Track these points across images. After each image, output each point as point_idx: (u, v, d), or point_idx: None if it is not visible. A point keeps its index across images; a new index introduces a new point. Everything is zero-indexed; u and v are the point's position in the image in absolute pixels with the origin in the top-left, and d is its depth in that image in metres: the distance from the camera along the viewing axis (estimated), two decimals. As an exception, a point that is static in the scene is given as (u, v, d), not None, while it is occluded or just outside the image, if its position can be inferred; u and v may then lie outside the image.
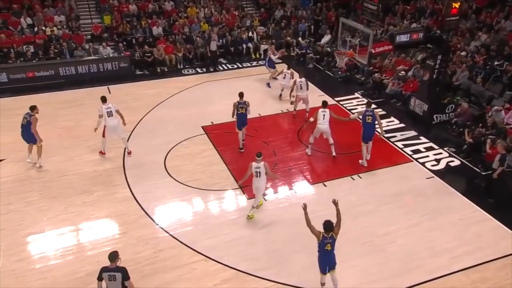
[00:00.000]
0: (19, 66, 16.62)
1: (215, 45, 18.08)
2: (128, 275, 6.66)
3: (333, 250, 7.48)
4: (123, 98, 15.62)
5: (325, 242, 7.38)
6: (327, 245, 7.39)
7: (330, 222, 7.40)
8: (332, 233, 7.39)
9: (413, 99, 14.13)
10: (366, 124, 11.33)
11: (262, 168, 9.39)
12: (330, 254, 7.50)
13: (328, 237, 7.37)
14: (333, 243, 7.42)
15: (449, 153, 12.33)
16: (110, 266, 6.66)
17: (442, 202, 10.35)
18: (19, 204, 10.11)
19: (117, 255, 6.70)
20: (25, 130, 11.27)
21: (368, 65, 13.07)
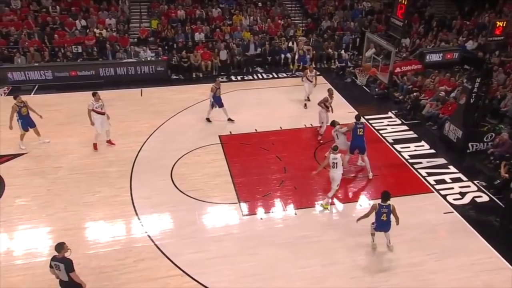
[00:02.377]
0: (64, 65, 17.57)
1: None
2: (71, 267, 6.82)
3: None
4: (152, 101, 15.94)
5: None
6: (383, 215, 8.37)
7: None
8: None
9: (448, 123, 12.97)
10: (356, 136, 11.09)
11: (339, 160, 9.89)
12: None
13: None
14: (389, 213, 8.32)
15: (478, 187, 11.13)
16: (57, 256, 6.85)
17: (455, 242, 9.31)
18: (26, 198, 10.53)
19: (62, 246, 6.85)
20: (24, 119, 12.23)
21: (389, 84, 12.16)
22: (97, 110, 12.12)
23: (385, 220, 8.35)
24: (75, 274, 6.91)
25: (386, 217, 8.31)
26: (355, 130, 11.08)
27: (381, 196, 8.37)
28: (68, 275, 6.82)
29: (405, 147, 12.98)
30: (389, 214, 8.29)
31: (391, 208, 8.29)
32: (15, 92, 16.50)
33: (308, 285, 8.17)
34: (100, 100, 12.18)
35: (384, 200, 8.33)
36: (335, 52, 19.57)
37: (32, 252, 8.94)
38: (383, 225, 8.49)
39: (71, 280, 6.89)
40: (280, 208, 10.34)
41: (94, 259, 8.74)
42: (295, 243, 9.23)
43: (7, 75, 17.03)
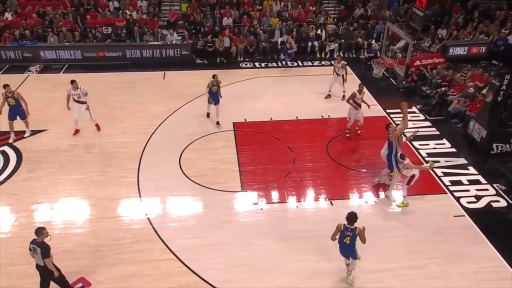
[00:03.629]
0: (92, 45, 17.99)
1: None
2: (47, 253, 6.92)
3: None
4: (173, 85, 16.07)
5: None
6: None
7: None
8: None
9: (473, 122, 12.26)
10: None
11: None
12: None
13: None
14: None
15: (497, 191, 10.49)
16: (36, 240, 6.96)
17: (460, 247, 8.84)
18: (40, 173, 10.93)
19: (41, 231, 6.97)
20: (11, 109, 12.09)
21: (405, 78, 11.56)
22: (74, 97, 12.18)
23: (348, 243, 7.39)
24: (49, 261, 7.00)
25: (350, 240, 7.35)
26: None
27: (347, 218, 7.32)
28: (44, 260, 6.94)
29: (424, 144, 12.41)
30: (354, 238, 7.33)
31: (356, 231, 7.29)
32: (47, 71, 17.22)
33: (296, 280, 8.02)
34: (79, 90, 12.16)
35: (350, 222, 7.31)
36: (364, 42, 18.88)
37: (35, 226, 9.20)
38: (346, 249, 7.54)
39: (45, 265, 7.00)
40: (282, 200, 10.19)
41: (92, 237, 8.97)
42: (292, 236, 9.08)
43: (40, 54, 17.63)
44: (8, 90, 11.99)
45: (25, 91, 15.22)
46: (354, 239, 7.34)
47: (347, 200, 10.27)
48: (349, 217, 7.29)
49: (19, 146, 12.03)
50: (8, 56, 17.56)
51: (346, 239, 7.36)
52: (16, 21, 18.97)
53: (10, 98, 12.00)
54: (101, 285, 7.89)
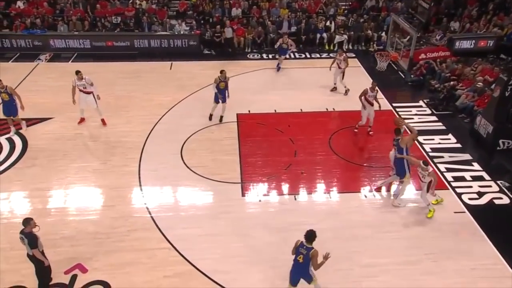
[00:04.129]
0: (101, 35, 18.09)
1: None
2: (34, 243, 7.01)
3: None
4: (179, 75, 16.10)
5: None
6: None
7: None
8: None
9: (479, 117, 12.04)
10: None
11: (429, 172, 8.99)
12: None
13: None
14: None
15: (500, 188, 10.31)
16: (24, 230, 7.06)
17: (459, 244, 8.74)
18: (43, 160, 11.10)
19: (29, 222, 7.03)
20: (4, 105, 11.85)
21: (409, 71, 11.34)
22: (79, 88, 12.16)
23: (301, 262, 6.78)
24: (37, 251, 7.08)
25: (303, 259, 6.75)
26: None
27: (305, 235, 6.76)
28: (31, 250, 7.05)
29: (428, 139, 12.24)
30: (307, 258, 6.71)
31: (310, 253, 6.67)
32: (56, 59, 17.40)
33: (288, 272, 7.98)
34: (84, 80, 12.11)
35: (308, 240, 6.74)
36: (374, 34, 18.61)
37: (35, 212, 9.43)
38: (298, 269, 6.93)
39: (33, 255, 7.11)
40: (281, 192, 10.18)
41: (91, 225, 9.10)
42: (289, 229, 9.04)
43: (50, 42, 17.81)
44: (0, 85, 11.57)
45: (34, 79, 15.58)
46: (307, 259, 6.73)
47: (347, 193, 10.22)
48: (307, 235, 6.72)
49: (25, 134, 12.19)
50: (19, 45, 17.79)
51: (299, 256, 6.79)
52: (27, 10, 19.18)
53: (3, 93, 11.64)
54: (97, 271, 8.01)
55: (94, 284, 7.77)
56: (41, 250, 7.30)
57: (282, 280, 7.87)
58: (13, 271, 7.88)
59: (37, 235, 7.14)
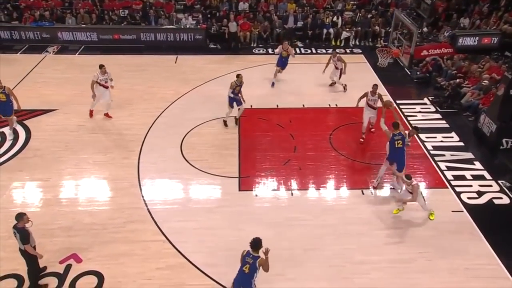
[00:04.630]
0: (108, 28, 18.19)
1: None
2: (26, 239, 7.06)
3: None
4: (184, 69, 16.15)
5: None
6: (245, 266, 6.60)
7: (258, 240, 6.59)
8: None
9: (483, 115, 11.87)
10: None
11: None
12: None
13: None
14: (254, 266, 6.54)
15: (501, 188, 10.17)
16: (17, 225, 7.11)
17: (454, 243, 8.66)
18: (45, 151, 11.26)
19: (22, 217, 7.07)
20: (5, 105, 11.21)
21: (409, 68, 11.19)
22: (101, 83, 12.06)
23: (247, 273, 6.49)
24: (29, 247, 7.12)
25: (249, 270, 6.47)
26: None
27: (251, 243, 6.53)
28: (23, 245, 7.10)
29: (431, 137, 12.11)
30: (254, 268, 6.45)
31: (258, 262, 6.44)
32: (64, 52, 17.57)
33: (281, 267, 7.99)
34: (106, 74, 12.10)
35: (253, 248, 6.51)
36: (382, 30, 18.39)
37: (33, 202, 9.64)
38: (242, 279, 6.58)
39: (25, 250, 7.17)
40: (278, 187, 10.18)
41: (88, 216, 9.22)
42: (283, 224, 9.09)
43: (57, 35, 17.98)
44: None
45: (40, 71, 15.78)
46: (254, 269, 6.47)
47: (345, 190, 10.16)
48: (253, 243, 6.49)
49: (29, 125, 12.37)
50: (27, 37, 17.99)
51: (245, 266, 6.50)
52: (37, 2, 19.37)
53: (0, 94, 11.03)
54: (92, 262, 8.12)
55: (88, 274, 7.88)
56: (33, 245, 7.35)
57: (273, 275, 7.89)
58: (9, 259, 8.01)
59: (29, 230, 7.19)
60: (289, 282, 7.78)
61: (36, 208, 9.46)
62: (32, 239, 7.31)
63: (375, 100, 11.41)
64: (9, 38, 17.95)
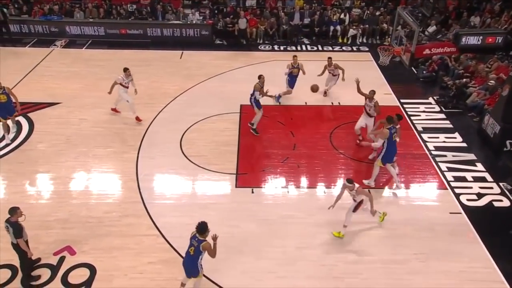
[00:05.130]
0: (115, 22, 18.31)
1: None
2: (19, 233, 7.11)
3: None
4: (189, 64, 16.18)
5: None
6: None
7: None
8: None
9: (487, 116, 11.66)
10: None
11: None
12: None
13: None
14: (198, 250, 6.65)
15: (502, 190, 9.99)
16: (10, 219, 7.14)
17: (450, 245, 8.54)
18: (47, 144, 11.39)
19: (15, 211, 7.11)
20: (2, 107, 10.83)
21: (409, 67, 11.05)
22: (125, 85, 12.01)
23: (192, 254, 6.63)
24: (21, 241, 7.17)
25: (194, 252, 6.60)
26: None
27: (196, 227, 6.62)
28: (16, 239, 7.14)
29: (433, 137, 11.95)
30: (198, 250, 6.55)
31: (201, 246, 6.52)
32: (71, 45, 17.74)
33: (272, 265, 8.03)
34: (130, 76, 12.04)
35: (199, 233, 6.58)
36: (390, 27, 18.16)
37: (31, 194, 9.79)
38: (188, 261, 6.77)
39: (17, 244, 7.22)
40: (274, 185, 10.15)
41: (85, 209, 9.30)
42: (278, 222, 9.07)
43: (66, 29, 18.17)
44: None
45: (47, 64, 15.95)
46: (198, 252, 6.59)
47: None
48: (199, 227, 6.60)
49: (33, 117, 12.51)
50: (36, 30, 18.21)
51: (191, 248, 6.68)
52: (46, -4, 19.59)
53: (1, 94, 10.65)
54: (85, 254, 8.19)
55: (80, 267, 7.94)
56: (26, 240, 7.39)
57: (264, 273, 7.92)
58: (5, 250, 8.07)
59: (22, 225, 7.24)
60: (279, 280, 7.75)
61: (34, 200, 9.58)
62: (25, 233, 7.36)
63: (371, 107, 10.87)
64: (18, 31, 18.18)
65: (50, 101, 13.35)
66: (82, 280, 7.70)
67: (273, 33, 18.28)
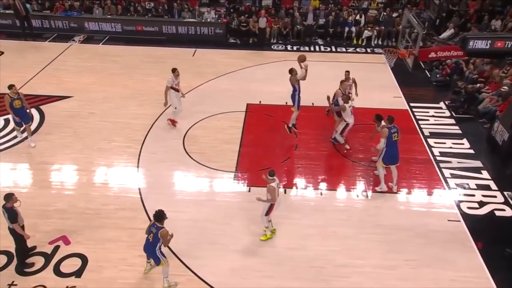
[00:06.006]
0: (131, 19, 18.65)
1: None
2: (14, 218, 7.36)
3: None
4: (200, 62, 16.33)
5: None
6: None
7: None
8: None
9: (497, 123, 11.34)
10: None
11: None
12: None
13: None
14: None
15: (506, 199, 9.71)
16: (6, 205, 7.39)
17: (444, 253, 8.36)
18: (55, 136, 11.71)
19: (10, 197, 7.37)
20: (17, 113, 10.69)
21: (412, 69, 10.80)
22: (175, 87, 11.55)
23: (151, 242, 7.02)
24: (17, 226, 7.43)
25: (152, 239, 6.99)
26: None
27: (154, 215, 7.02)
28: (12, 224, 7.42)
29: (440, 142, 11.71)
30: (156, 237, 6.92)
31: (160, 233, 6.88)
32: (89, 41, 18.14)
33: (260, 264, 8.04)
34: (179, 77, 11.62)
35: (157, 220, 6.98)
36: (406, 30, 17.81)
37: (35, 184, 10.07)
38: (148, 247, 7.18)
39: (13, 229, 7.50)
40: (272, 184, 10.11)
41: (83, 200, 9.53)
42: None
43: (84, 25, 18.61)
44: (14, 91, 10.50)
45: (64, 59, 16.38)
46: (156, 239, 6.93)
47: (340, 191, 10.01)
48: (155, 215, 6.99)
49: (44, 110, 12.89)
50: (56, 26, 18.72)
51: (150, 235, 7.03)
52: (68, -8, 20.10)
53: (16, 100, 10.51)
54: (79, 245, 8.40)
55: (73, 257, 8.15)
56: (21, 225, 7.66)
57: (251, 271, 7.94)
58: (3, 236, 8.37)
59: (17, 210, 7.50)
60: (265, 279, 7.76)
61: (36, 189, 9.88)
62: (21, 218, 7.62)
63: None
64: (40, 26, 18.71)
65: (63, 95, 13.71)
66: (73, 269, 7.90)
67: (287, 33, 18.21)
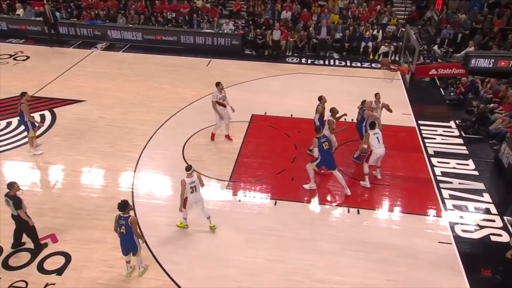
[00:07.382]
0: (152, 29, 19.20)
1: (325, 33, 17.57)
2: (19, 205, 7.85)
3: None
4: (213, 72, 16.58)
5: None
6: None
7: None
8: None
9: (504, 145, 10.92)
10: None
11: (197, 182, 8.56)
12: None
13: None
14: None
15: (504, 225, 9.31)
16: (9, 193, 7.88)
17: (429, 276, 8.08)
18: (62, 137, 12.17)
19: (12, 185, 7.89)
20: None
21: (410, 87, 10.54)
22: (219, 101, 11.30)
23: (125, 233, 7.36)
24: (22, 212, 7.91)
25: (125, 230, 7.33)
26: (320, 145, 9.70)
27: (118, 206, 7.39)
28: (17, 211, 7.89)
29: (443, 162, 11.37)
30: (128, 226, 7.30)
31: (129, 220, 7.27)
32: (110, 49, 18.80)
33: (238, 274, 8.01)
34: (223, 91, 11.43)
35: (121, 209, 7.35)
36: (424, 46, 17.48)
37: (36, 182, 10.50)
38: (125, 240, 7.50)
39: (18, 215, 7.95)
40: (263, 195, 10.13)
41: (78, 201, 9.82)
42: (256, 232, 9.05)
43: (107, 33, 19.31)
44: (27, 98, 10.95)
45: (84, 65, 17.04)
46: (128, 228, 7.31)
47: (329, 206, 9.88)
48: (120, 205, 7.34)
49: (57, 112, 13.44)
50: (81, 33, 19.52)
51: (122, 228, 7.35)
52: (95, 3, 20.98)
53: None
54: (66, 244, 8.65)
55: (58, 255, 8.39)
56: (25, 211, 8.09)
57: (227, 280, 7.95)
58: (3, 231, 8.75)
59: (21, 197, 7.97)
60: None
61: (36, 188, 10.27)
62: (24, 205, 8.06)
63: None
64: (66, 33, 19.55)
65: (76, 99, 14.23)
66: (55, 267, 8.13)
67: (302, 46, 18.24)
